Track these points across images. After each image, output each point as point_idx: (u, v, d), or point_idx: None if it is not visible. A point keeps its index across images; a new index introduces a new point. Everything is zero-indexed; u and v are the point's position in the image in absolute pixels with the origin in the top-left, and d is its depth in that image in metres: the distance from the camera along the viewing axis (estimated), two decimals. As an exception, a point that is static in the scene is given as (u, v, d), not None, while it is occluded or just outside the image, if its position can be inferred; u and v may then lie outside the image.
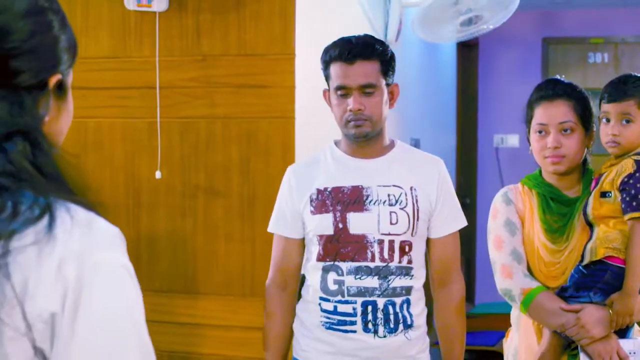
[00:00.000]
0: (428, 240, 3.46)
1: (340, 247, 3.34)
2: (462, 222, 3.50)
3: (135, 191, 4.58)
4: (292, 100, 4.30)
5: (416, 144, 6.65)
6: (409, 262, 3.36)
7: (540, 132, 3.41)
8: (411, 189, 3.37)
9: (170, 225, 4.53)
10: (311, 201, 3.40)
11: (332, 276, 3.37)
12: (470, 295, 8.58)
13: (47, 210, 1.39)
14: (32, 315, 1.33)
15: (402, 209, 3.34)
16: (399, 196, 3.35)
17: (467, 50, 9.37)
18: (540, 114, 3.42)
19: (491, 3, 5.60)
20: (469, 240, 8.88)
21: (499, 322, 5.06)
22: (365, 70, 3.31)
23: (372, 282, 3.31)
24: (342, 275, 3.34)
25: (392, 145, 3.49)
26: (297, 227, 3.47)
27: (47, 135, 1.51)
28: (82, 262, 1.38)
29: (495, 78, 9.74)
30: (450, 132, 8.76)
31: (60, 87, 1.55)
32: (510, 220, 3.47)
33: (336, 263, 3.35)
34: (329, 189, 3.39)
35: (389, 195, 3.35)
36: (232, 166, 4.43)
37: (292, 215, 3.47)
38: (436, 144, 7.65)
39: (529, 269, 3.42)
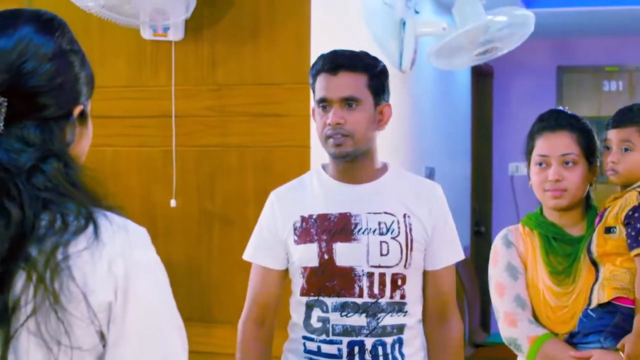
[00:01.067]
0: (424, 273, 3.16)
1: (326, 280, 3.04)
2: (460, 255, 3.24)
3: (151, 219, 4.59)
4: (307, 129, 4.32)
5: (431, 172, 6.64)
6: (402, 297, 3.05)
7: (540, 164, 3.24)
8: (404, 216, 3.08)
9: (185, 253, 4.54)
10: (295, 229, 3.11)
11: (316, 313, 3.06)
12: (485, 324, 8.55)
13: (91, 219, 1.68)
14: (95, 306, 1.64)
15: (393, 238, 3.04)
16: (391, 224, 3.06)
17: (482, 79, 9.38)
18: (542, 145, 3.25)
19: (509, 34, 5.62)
20: (484, 268, 8.84)
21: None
22: (348, 82, 3.04)
23: (360, 320, 3.01)
24: (327, 312, 3.03)
25: (384, 169, 3.19)
26: (280, 257, 3.16)
27: (72, 156, 1.78)
28: (126, 260, 1.68)
29: (510, 106, 9.75)
30: (465, 160, 8.76)
31: (82, 115, 1.83)
32: (512, 264, 3.26)
33: (321, 298, 3.04)
34: (314, 217, 3.09)
35: (379, 224, 3.05)
36: (248, 195, 4.44)
37: (275, 244, 3.16)
38: (451, 173, 7.65)
39: (534, 315, 3.21)
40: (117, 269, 1.67)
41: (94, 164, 4.68)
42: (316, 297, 3.05)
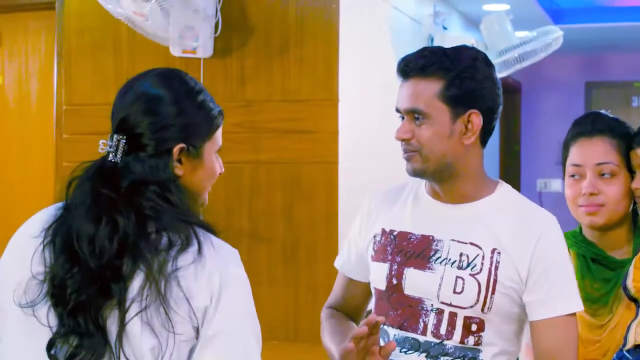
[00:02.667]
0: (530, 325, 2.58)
1: (390, 308, 2.62)
2: (571, 307, 2.54)
3: (180, 235, 4.59)
4: (335, 145, 4.31)
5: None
6: (477, 343, 2.53)
7: (573, 175, 2.82)
8: (493, 251, 2.53)
9: (214, 269, 4.54)
10: (374, 243, 2.71)
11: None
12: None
13: (195, 238, 2.08)
14: (195, 307, 2.03)
15: (473, 275, 2.53)
16: (474, 259, 2.54)
17: (510, 94, 9.37)
18: (575, 153, 2.81)
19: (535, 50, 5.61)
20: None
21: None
22: (414, 91, 2.54)
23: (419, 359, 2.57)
24: None
25: (490, 189, 2.66)
26: (363, 268, 2.77)
27: (185, 184, 2.20)
28: (221, 274, 2.07)
29: (538, 122, 9.72)
30: (493, 176, 8.71)
31: (188, 151, 2.18)
32: None
33: (384, 327, 2.62)
34: (395, 233, 2.66)
35: (460, 255, 2.55)
36: (276, 211, 4.44)
37: (358, 254, 2.79)
38: (479, 189, 7.62)
39: None
40: (214, 280, 2.06)
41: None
42: (382, 325, 2.60)
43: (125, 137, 2.14)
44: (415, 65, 2.54)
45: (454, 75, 2.52)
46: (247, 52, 4.49)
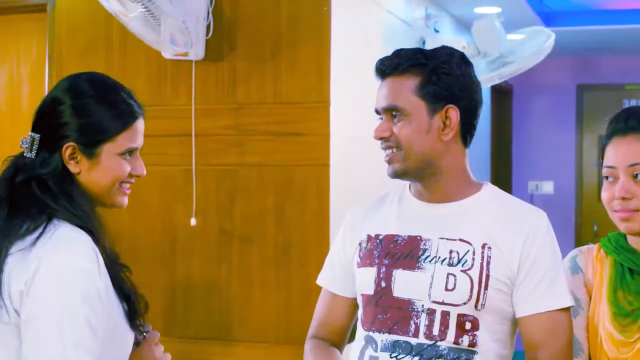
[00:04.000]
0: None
1: (379, 312, 2.54)
2: (560, 302, 2.50)
3: (171, 238, 4.60)
4: (327, 148, 4.32)
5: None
6: (472, 344, 2.46)
7: (607, 177, 2.55)
8: (484, 247, 2.49)
9: (205, 272, 4.55)
10: (360, 250, 2.65)
11: (368, 351, 2.55)
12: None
13: (42, 227, 2.16)
14: (12, 292, 2.13)
15: (464, 271, 2.48)
16: (464, 254, 2.49)
17: (502, 97, 9.38)
18: (609, 153, 2.54)
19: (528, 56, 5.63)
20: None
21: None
22: (391, 89, 2.55)
23: None
24: (377, 350, 2.53)
25: (476, 188, 2.62)
26: (348, 282, 2.69)
27: (83, 182, 2.29)
28: (41, 261, 2.12)
29: (529, 124, 9.73)
30: (484, 178, 8.72)
31: (84, 150, 2.26)
32: (574, 295, 2.58)
33: (372, 334, 2.55)
34: (380, 237, 2.61)
35: (450, 252, 2.50)
36: (267, 213, 4.44)
37: (343, 267, 2.71)
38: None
39: None
40: (32, 266, 2.12)
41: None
42: (368, 332, 2.56)
43: (37, 135, 2.28)
44: (390, 64, 2.56)
45: (430, 70, 2.52)
46: (239, 55, 4.49)
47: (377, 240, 2.61)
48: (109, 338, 2.19)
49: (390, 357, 2.49)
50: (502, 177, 9.47)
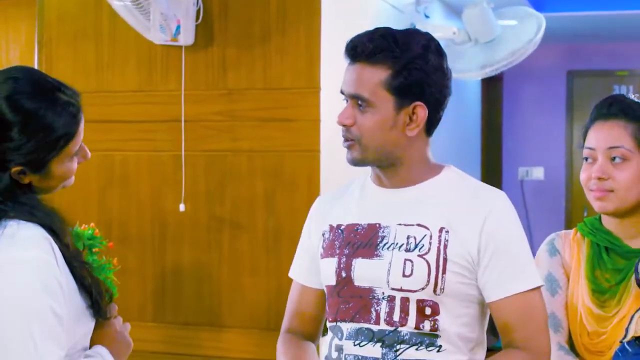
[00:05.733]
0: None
1: (341, 302, 2.51)
2: (528, 282, 2.45)
3: (161, 224, 4.59)
4: (317, 133, 4.32)
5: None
6: (433, 329, 2.42)
7: (586, 159, 2.69)
8: (441, 230, 2.44)
9: (195, 258, 4.54)
10: (323, 241, 2.61)
11: (334, 341, 2.53)
12: (494, 328, 8.53)
13: None
14: None
15: (421, 256, 2.43)
16: (421, 239, 2.44)
17: (492, 84, 9.38)
18: (590, 136, 2.70)
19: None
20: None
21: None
22: (360, 77, 2.45)
23: (374, 350, 2.45)
24: (342, 339, 2.50)
25: (437, 171, 2.55)
26: (316, 273, 2.65)
27: (37, 185, 2.24)
28: None
29: (520, 111, 9.74)
30: (474, 165, 8.75)
31: (36, 169, 2.21)
32: (552, 275, 2.72)
33: (337, 324, 2.51)
34: (342, 227, 2.56)
35: (407, 238, 2.45)
36: (257, 199, 4.43)
37: (311, 258, 2.67)
38: (461, 177, 7.62)
39: (570, 341, 2.69)
40: None
41: (103, 168, 4.75)
42: (334, 322, 2.53)
43: None
44: (362, 50, 2.45)
45: (402, 65, 2.41)
46: (229, 40, 4.48)
47: (339, 231, 2.57)
48: (71, 324, 2.18)
49: (354, 345, 2.47)
50: (493, 163, 9.48)
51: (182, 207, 4.48)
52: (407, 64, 2.41)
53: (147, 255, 4.60)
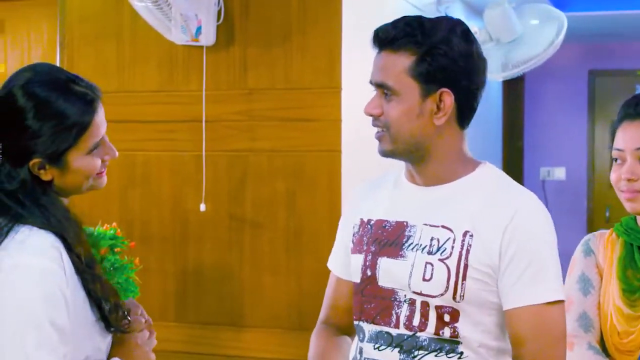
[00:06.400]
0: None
1: (365, 302, 2.45)
2: (549, 294, 2.30)
3: (182, 224, 4.60)
4: (338, 133, 4.31)
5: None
6: (454, 335, 2.33)
7: (616, 159, 2.68)
8: (465, 234, 2.32)
9: (216, 258, 4.55)
10: (354, 235, 2.54)
11: (358, 342, 2.50)
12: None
13: (6, 232, 2.13)
14: None
15: (441, 260, 2.33)
16: (444, 242, 2.34)
17: (513, 83, 9.34)
18: (619, 137, 2.67)
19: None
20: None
21: None
22: (384, 65, 2.39)
23: (392, 355, 2.38)
24: (363, 340, 2.46)
25: (470, 169, 2.46)
26: (349, 265, 2.55)
27: (59, 185, 2.23)
28: (3, 261, 2.08)
29: (541, 111, 9.71)
30: (496, 165, 8.70)
31: (53, 161, 2.21)
32: (586, 275, 2.68)
33: (360, 323, 2.46)
34: (372, 222, 2.49)
35: (431, 239, 2.36)
36: (278, 199, 4.43)
37: (345, 250, 2.59)
38: (482, 177, 7.60)
39: (601, 341, 2.65)
40: None
41: (124, 168, 4.75)
42: (357, 322, 2.48)
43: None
44: (385, 37, 2.39)
45: (426, 50, 2.33)
46: (250, 40, 4.48)
47: (369, 226, 2.49)
48: (79, 336, 2.15)
49: (374, 349, 2.41)
50: (514, 163, 9.45)
51: (202, 207, 4.49)
52: (430, 49, 2.33)
53: (169, 255, 4.61)
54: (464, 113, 2.43)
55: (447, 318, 2.32)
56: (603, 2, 8.11)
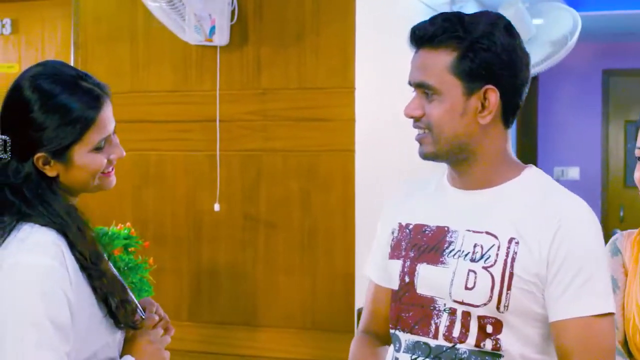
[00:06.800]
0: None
1: (402, 310, 2.32)
2: (598, 306, 2.16)
3: (196, 224, 4.60)
4: (352, 133, 4.31)
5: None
6: (496, 348, 2.20)
7: (638, 158, 2.57)
8: (510, 241, 2.20)
9: (230, 257, 4.55)
10: (392, 239, 2.42)
11: (392, 350, 2.39)
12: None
13: (9, 230, 2.13)
14: None
15: (485, 268, 2.20)
16: (489, 249, 2.21)
17: (527, 83, 9.34)
18: None
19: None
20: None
21: None
22: (424, 63, 2.25)
23: None
24: (399, 350, 2.34)
25: (516, 173, 2.33)
26: (384, 270, 2.44)
27: (64, 182, 2.22)
28: (4, 260, 2.08)
29: (555, 110, 9.68)
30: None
31: (58, 156, 2.19)
32: (612, 276, 2.50)
33: (396, 332, 2.34)
34: (410, 226, 2.37)
35: (474, 246, 2.23)
36: (293, 199, 4.43)
37: (382, 255, 2.46)
38: (496, 177, 7.60)
39: (624, 343, 2.56)
40: None
41: (138, 168, 4.76)
42: (394, 330, 2.35)
43: (8, 138, 2.21)
44: (424, 34, 2.24)
45: (467, 46, 2.20)
46: (263, 40, 4.48)
47: (407, 230, 2.36)
48: (85, 333, 2.14)
49: (411, 359, 2.29)
50: (528, 162, 9.39)
51: (217, 207, 4.49)
52: (472, 44, 2.20)
53: (183, 254, 4.61)
54: (509, 111, 2.29)
55: (489, 329, 2.20)
56: (617, 1, 8.09)
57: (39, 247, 2.10)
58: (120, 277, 2.35)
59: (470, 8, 6.40)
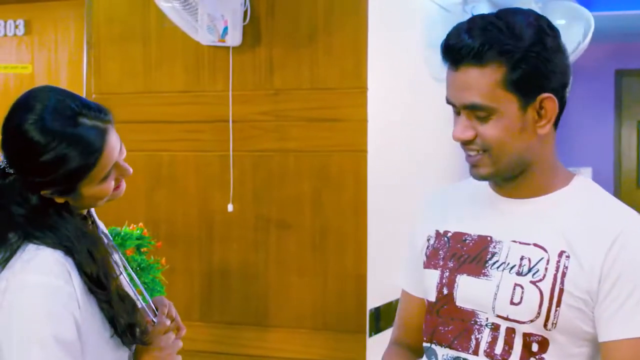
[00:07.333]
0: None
1: (440, 323, 2.21)
2: None
3: (208, 224, 4.61)
4: (364, 133, 4.30)
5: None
6: None
7: None
8: (560, 254, 2.08)
9: (242, 258, 4.55)
10: (427, 247, 2.31)
11: None
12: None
13: (12, 251, 2.13)
14: None
15: (533, 282, 2.07)
16: (537, 263, 2.09)
17: (539, 83, 9.33)
18: None
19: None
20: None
21: None
22: (469, 83, 2.07)
23: None
24: None
25: (565, 182, 2.21)
26: (418, 281, 2.34)
27: (73, 205, 2.23)
28: (9, 280, 2.10)
29: (567, 111, 9.54)
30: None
31: (65, 194, 2.20)
32: None
33: (432, 346, 2.23)
34: (449, 234, 2.26)
35: (521, 259, 2.11)
36: (304, 200, 4.43)
37: (415, 263, 2.36)
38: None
39: None
40: (1, 286, 2.10)
41: (150, 168, 4.77)
42: (429, 344, 2.25)
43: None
44: (467, 51, 2.05)
45: (519, 57, 2.04)
46: (276, 41, 4.48)
47: (445, 238, 2.26)
48: (94, 350, 2.16)
49: None
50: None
51: (230, 208, 4.49)
52: (524, 56, 2.05)
53: (195, 255, 4.62)
54: (560, 111, 2.22)
55: (535, 347, 2.08)
56: (630, 1, 8.07)
57: (43, 267, 2.11)
58: (133, 290, 2.36)
59: (482, 8, 6.39)
